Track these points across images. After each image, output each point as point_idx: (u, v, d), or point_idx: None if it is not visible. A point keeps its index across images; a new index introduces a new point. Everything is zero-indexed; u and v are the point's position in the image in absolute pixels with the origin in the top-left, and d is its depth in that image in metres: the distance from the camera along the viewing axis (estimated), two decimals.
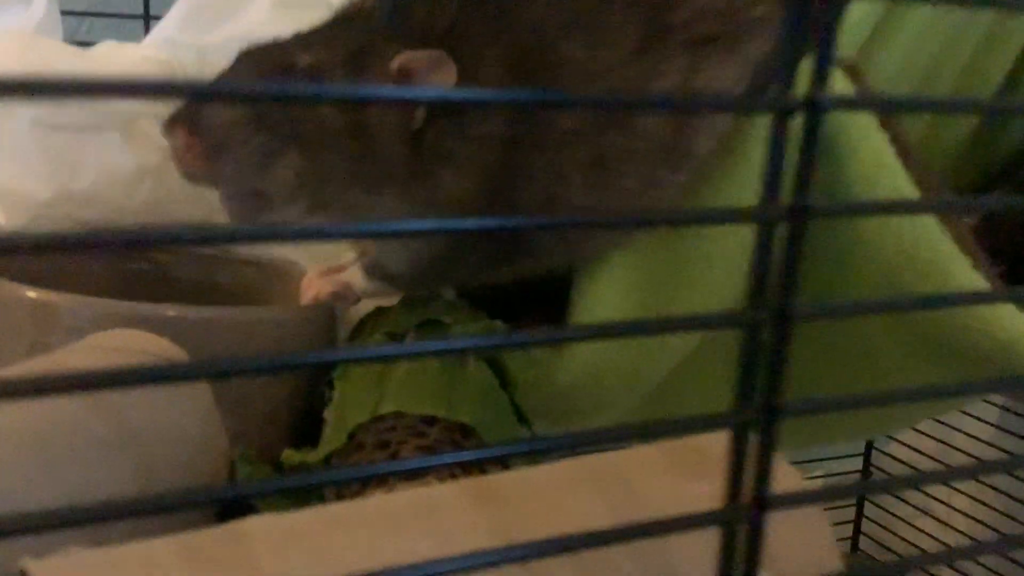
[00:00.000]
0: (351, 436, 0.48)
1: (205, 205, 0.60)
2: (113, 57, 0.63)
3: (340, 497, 0.47)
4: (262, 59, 0.52)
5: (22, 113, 0.60)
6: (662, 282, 0.60)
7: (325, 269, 0.61)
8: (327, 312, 0.58)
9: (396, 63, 0.50)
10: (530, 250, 0.58)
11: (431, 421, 0.48)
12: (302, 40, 0.52)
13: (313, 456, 0.49)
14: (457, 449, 0.47)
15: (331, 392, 0.54)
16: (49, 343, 0.50)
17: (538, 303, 0.65)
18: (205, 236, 0.24)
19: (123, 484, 0.41)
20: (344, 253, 0.63)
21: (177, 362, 0.45)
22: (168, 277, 0.66)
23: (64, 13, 0.72)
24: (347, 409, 0.49)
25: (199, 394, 0.45)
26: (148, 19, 0.83)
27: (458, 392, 0.49)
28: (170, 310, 0.52)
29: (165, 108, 0.60)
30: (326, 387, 0.55)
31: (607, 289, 0.60)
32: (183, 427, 0.44)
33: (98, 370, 0.19)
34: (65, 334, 0.50)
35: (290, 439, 0.57)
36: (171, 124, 0.50)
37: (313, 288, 0.59)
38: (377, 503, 0.33)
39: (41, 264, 0.60)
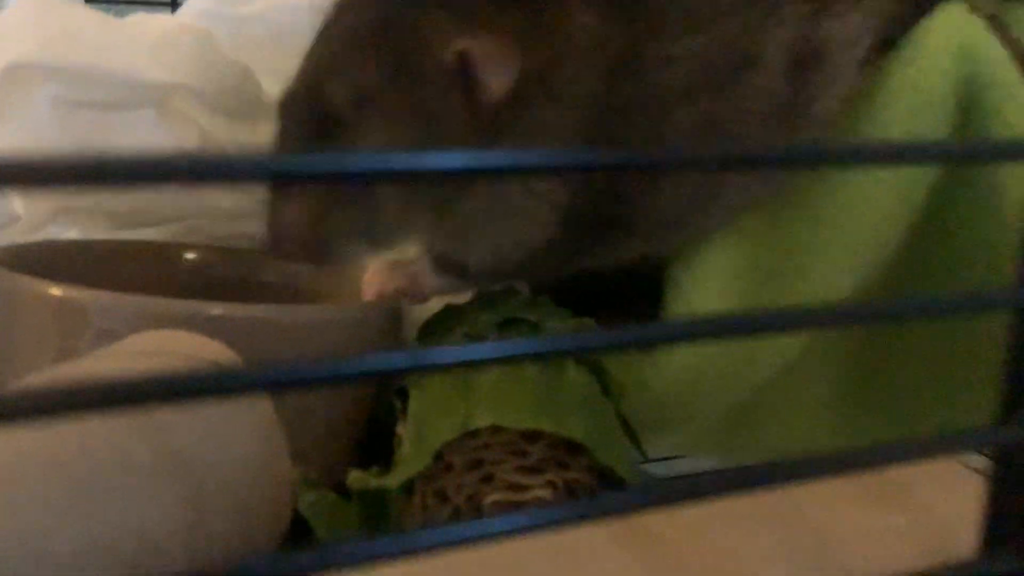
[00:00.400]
0: (437, 456, 0.40)
1: (246, 192, 0.53)
2: (145, 26, 0.55)
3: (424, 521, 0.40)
4: (299, 110, 0.45)
5: (42, 88, 0.52)
6: (770, 271, 0.53)
7: (389, 262, 0.53)
8: (392, 311, 0.51)
9: (451, 53, 0.43)
10: (627, 232, 0.51)
11: (533, 437, 0.40)
12: (329, 51, 0.45)
13: (391, 480, 0.41)
14: (562, 469, 0.40)
15: (402, 403, 0.47)
16: (78, 348, 0.43)
17: (620, 300, 0.57)
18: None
19: (170, 518, 0.34)
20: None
21: (236, 368, 0.37)
22: (208, 276, 0.58)
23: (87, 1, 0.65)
24: (428, 424, 0.41)
25: (258, 407, 0.38)
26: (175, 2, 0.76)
27: (561, 402, 0.41)
28: (214, 308, 0.45)
29: (204, 82, 0.53)
30: (395, 397, 0.48)
31: (707, 279, 0.53)
32: (240, 447, 0.37)
33: (136, 378, 0.15)
34: (95, 337, 0.42)
35: (354, 457, 0.49)
36: (275, 247, 0.45)
37: (377, 283, 0.52)
38: (501, 549, 0.25)
39: (68, 261, 0.53)
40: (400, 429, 0.45)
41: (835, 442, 0.62)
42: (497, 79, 0.44)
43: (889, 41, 0.50)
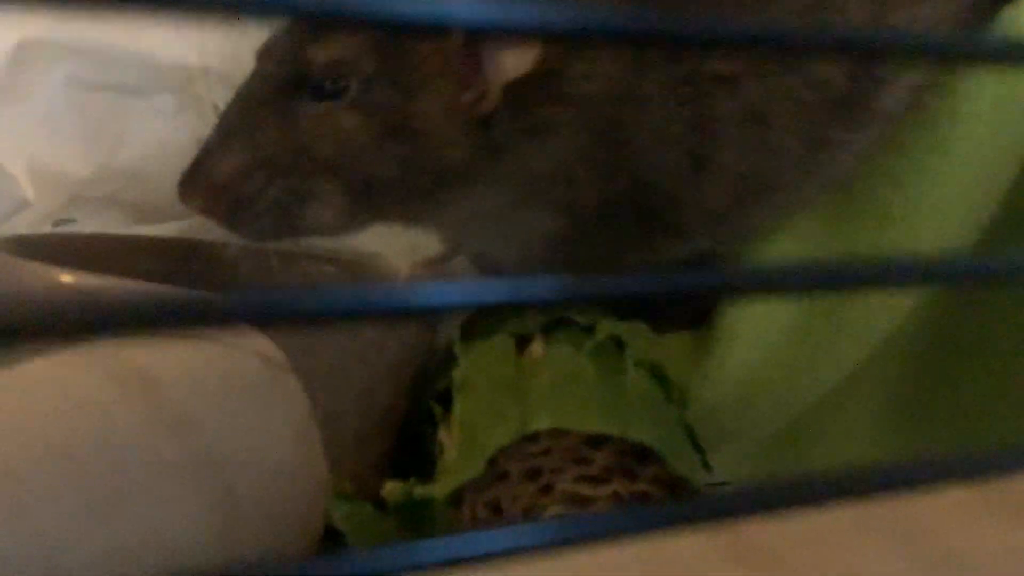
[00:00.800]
0: (490, 463, 0.36)
1: None
2: None
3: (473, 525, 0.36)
4: (278, 62, 0.42)
5: (54, 68, 0.49)
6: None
7: (425, 261, 0.49)
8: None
9: (454, 43, 0.40)
10: (667, 227, 0.47)
11: (597, 442, 0.36)
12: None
13: (437, 490, 0.37)
14: (629, 479, 0.36)
15: (442, 408, 0.43)
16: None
17: (674, 304, 0.53)
18: None
19: (197, 525, 0.30)
20: (430, 244, 0.52)
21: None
22: (234, 274, 0.54)
23: None
24: (479, 428, 0.38)
25: (294, 407, 0.34)
26: None
27: (625, 405, 0.37)
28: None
29: (230, 65, 0.49)
30: (433, 402, 0.44)
31: (772, 255, 0.48)
32: (274, 449, 0.33)
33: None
34: None
35: (387, 466, 0.45)
36: (184, 189, 0.41)
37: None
38: (583, 562, 0.21)
39: (78, 255, 0.49)
40: (443, 435, 0.41)
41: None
42: (515, 58, 0.40)
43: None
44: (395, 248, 0.55)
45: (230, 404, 0.31)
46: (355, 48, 0.40)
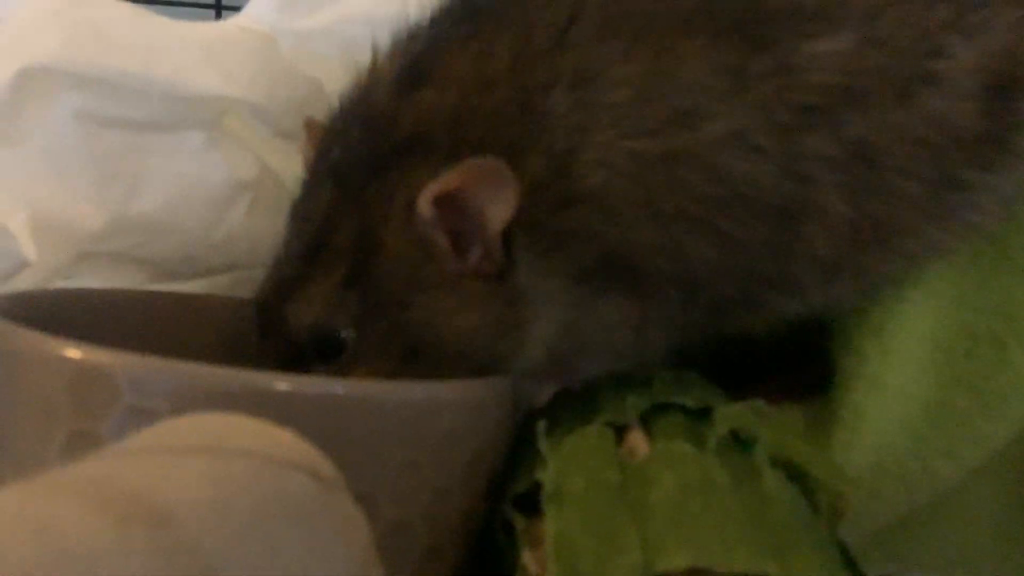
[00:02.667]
0: None
1: None
2: (195, 29, 0.44)
3: None
4: (268, 328, 0.39)
5: (63, 98, 0.41)
6: (980, 338, 0.42)
7: None
8: (505, 387, 0.38)
9: (425, 200, 0.36)
10: (780, 282, 0.40)
11: None
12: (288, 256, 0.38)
13: None
14: None
15: (523, 517, 0.35)
16: (97, 433, 0.32)
17: (781, 370, 0.46)
18: None
19: None
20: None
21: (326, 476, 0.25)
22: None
23: None
24: (583, 554, 0.30)
25: (350, 535, 0.26)
26: (220, 8, 0.66)
27: (773, 528, 0.29)
28: (281, 382, 0.33)
29: (266, 97, 0.42)
30: (513, 510, 0.35)
31: (900, 348, 0.41)
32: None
33: None
34: (123, 417, 0.31)
35: None
36: None
37: None
38: None
39: (87, 315, 0.41)
40: (528, 557, 0.33)
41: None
42: (494, 207, 0.35)
43: None
44: None
45: (266, 539, 0.23)
46: (328, 295, 0.37)
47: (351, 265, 0.36)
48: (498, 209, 0.35)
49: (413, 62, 0.38)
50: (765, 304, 0.41)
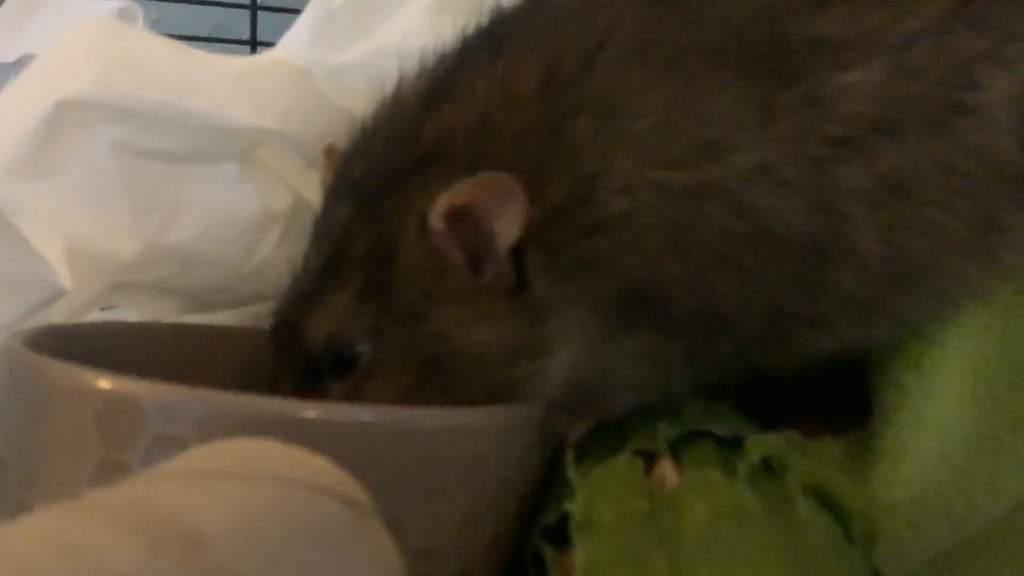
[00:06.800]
0: None
1: None
2: (230, 63, 0.45)
3: None
4: (286, 347, 0.39)
5: (99, 130, 0.42)
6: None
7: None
8: (532, 415, 0.38)
9: (437, 214, 0.35)
10: (810, 319, 0.39)
11: None
12: (305, 272, 0.38)
13: None
14: None
15: (552, 548, 0.34)
16: (128, 461, 0.32)
17: (816, 400, 0.44)
18: None
19: None
20: None
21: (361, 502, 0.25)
22: None
23: None
24: None
25: (380, 562, 0.26)
26: (256, 44, 0.67)
27: (807, 553, 0.28)
28: (309, 409, 0.33)
29: (300, 129, 0.42)
30: (543, 542, 0.35)
31: (942, 383, 0.40)
32: None
33: None
34: (152, 446, 0.31)
35: None
36: None
37: None
38: None
39: (118, 348, 0.41)
40: None
41: None
42: (502, 224, 0.35)
43: None
44: None
45: (298, 564, 0.23)
46: (344, 307, 0.36)
47: (367, 277, 0.36)
48: (506, 225, 0.35)
49: (438, 81, 0.38)
50: (795, 340, 0.40)
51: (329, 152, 0.41)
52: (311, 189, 0.45)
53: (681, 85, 0.36)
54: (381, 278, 0.36)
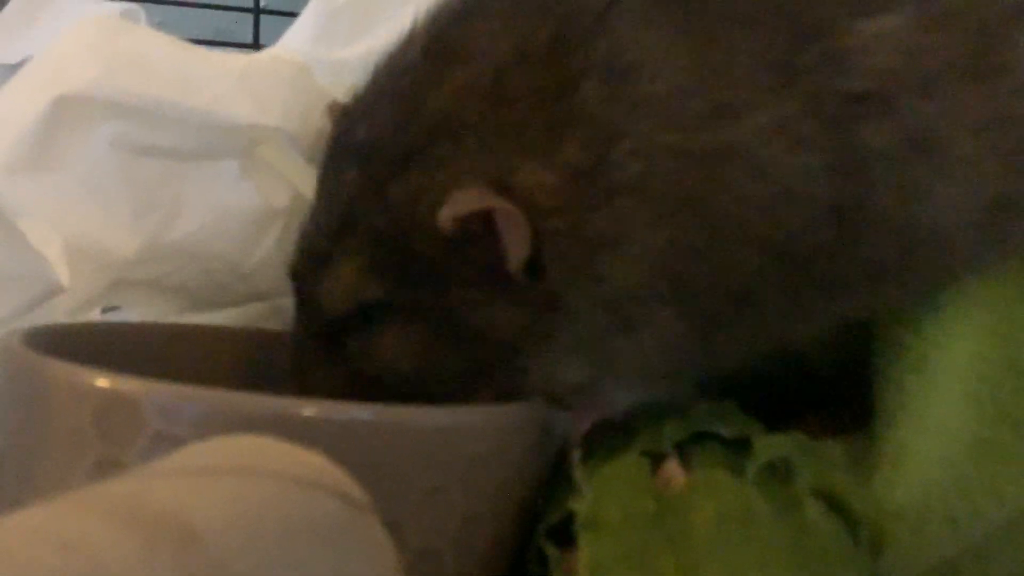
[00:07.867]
0: None
1: None
2: (231, 60, 0.44)
3: None
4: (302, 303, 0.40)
5: (97, 129, 0.42)
6: None
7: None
8: (533, 414, 0.38)
9: (446, 219, 0.35)
10: (827, 282, 0.38)
11: None
12: (315, 229, 0.39)
13: None
14: None
15: (557, 548, 0.34)
16: (124, 458, 0.32)
17: (801, 401, 0.44)
18: None
19: None
20: None
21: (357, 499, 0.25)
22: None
23: None
24: None
25: (377, 560, 0.25)
26: (258, 48, 0.66)
27: (815, 557, 0.28)
28: (307, 407, 0.32)
29: (300, 126, 0.42)
30: (544, 540, 0.35)
31: (948, 377, 0.39)
32: None
33: None
34: (149, 444, 0.31)
35: None
36: None
37: None
38: None
39: (117, 348, 0.41)
40: None
41: None
42: (512, 244, 0.35)
43: None
44: None
45: (294, 561, 0.23)
46: (356, 276, 0.36)
47: (377, 252, 0.36)
48: (514, 247, 0.34)
49: (447, 37, 0.37)
50: (811, 310, 0.39)
51: (332, 108, 0.40)
52: (311, 186, 0.45)
53: (696, 46, 0.35)
54: (392, 258, 0.36)
